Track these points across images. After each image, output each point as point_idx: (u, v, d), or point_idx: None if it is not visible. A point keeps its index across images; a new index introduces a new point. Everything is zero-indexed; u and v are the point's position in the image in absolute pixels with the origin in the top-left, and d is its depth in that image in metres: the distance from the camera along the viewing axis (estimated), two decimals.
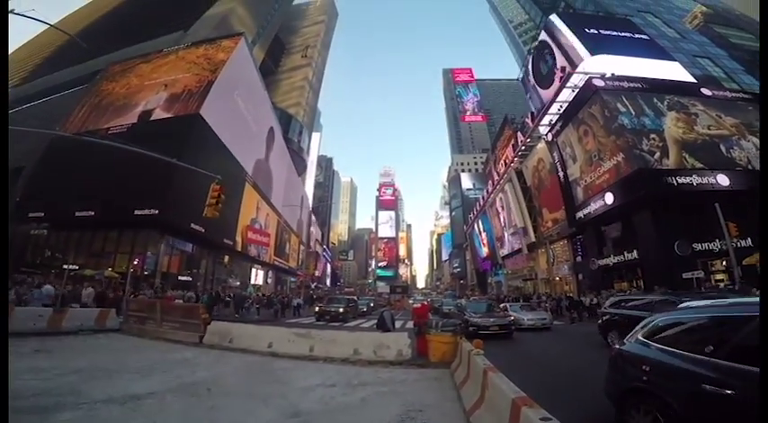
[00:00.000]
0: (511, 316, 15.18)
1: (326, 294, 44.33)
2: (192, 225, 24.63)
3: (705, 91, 26.30)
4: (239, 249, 32.28)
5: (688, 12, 51.63)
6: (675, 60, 32.52)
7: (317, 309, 23.19)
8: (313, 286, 63.25)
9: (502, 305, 19.62)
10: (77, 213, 20.96)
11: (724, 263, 18.49)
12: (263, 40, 75.01)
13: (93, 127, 25.04)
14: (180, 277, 23.84)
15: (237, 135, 31.69)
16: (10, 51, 67.00)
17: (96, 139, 13.07)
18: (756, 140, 22.25)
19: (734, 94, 27.19)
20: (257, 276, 39.50)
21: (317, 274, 74.86)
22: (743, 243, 17.51)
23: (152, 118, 26.42)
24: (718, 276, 18.90)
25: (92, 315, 12.70)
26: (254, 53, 46.19)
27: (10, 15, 11.05)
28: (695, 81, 29.84)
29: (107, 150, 13.62)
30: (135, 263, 20.71)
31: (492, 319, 13.82)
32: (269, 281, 43.26)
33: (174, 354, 9.07)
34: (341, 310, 21.33)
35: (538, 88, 38.83)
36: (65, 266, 16.26)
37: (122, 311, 13.06)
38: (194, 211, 14.28)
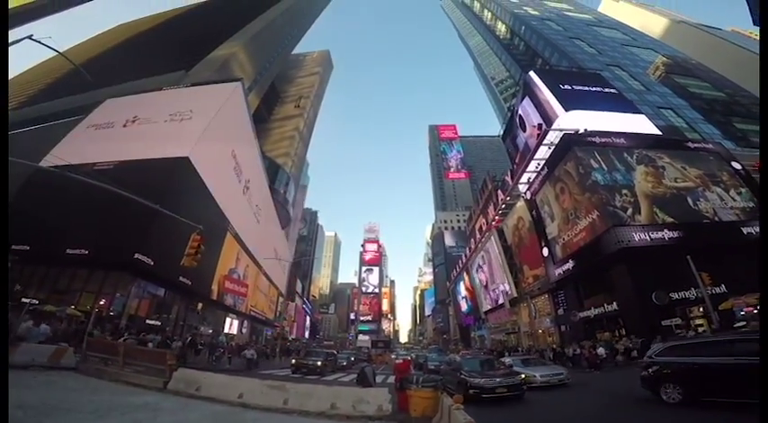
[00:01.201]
0: (520, 374, 12.73)
1: (305, 346, 42.22)
2: (181, 278, 24.60)
3: (670, 143, 27.70)
4: (214, 298, 31.04)
5: (651, 63, 56.84)
6: (642, 113, 34.62)
7: (293, 361, 22.26)
8: (291, 338, 60.48)
9: (506, 360, 16.96)
10: (69, 251, 19.74)
11: (701, 309, 18.92)
12: (260, 86, 76.80)
13: (79, 161, 24.60)
14: (148, 321, 22.45)
15: (223, 182, 31.74)
16: (17, 73, 67.69)
17: (78, 175, 12.85)
18: (720, 191, 23.73)
19: (696, 145, 28.71)
20: (232, 325, 37.63)
21: (295, 325, 71.88)
22: (717, 290, 18.43)
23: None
24: (698, 322, 19.17)
25: (46, 351, 11.89)
26: (249, 99, 47.55)
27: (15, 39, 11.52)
28: (660, 133, 31.59)
29: (93, 186, 13.42)
30: (101, 303, 19.54)
31: (497, 379, 11.53)
32: (244, 330, 41.12)
33: (135, 397, 8.40)
34: (318, 363, 20.72)
35: (522, 133, 40.34)
36: (24, 300, 15.13)
37: (81, 350, 12.18)
38: (177, 259, 14.09)
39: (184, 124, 29.26)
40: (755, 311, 14.18)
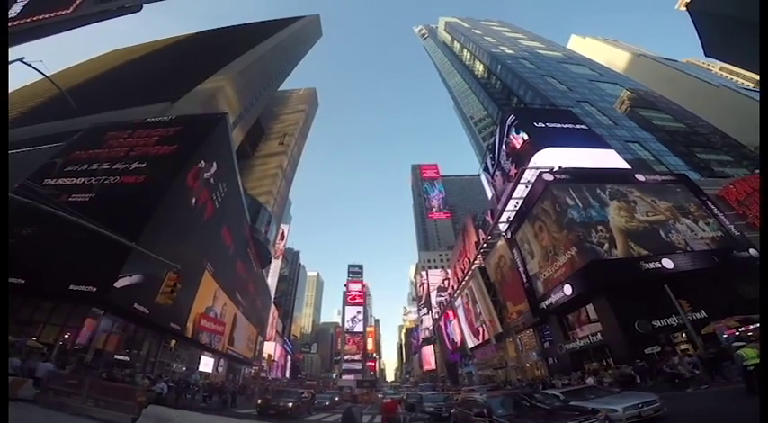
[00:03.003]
0: (596, 411, 8.46)
1: (285, 386, 40.03)
2: (172, 324, 25.65)
3: (639, 177, 28.59)
4: (189, 335, 29.40)
5: (617, 98, 59.30)
6: (611, 148, 35.98)
7: (259, 401, 19.97)
8: (270, 378, 57.44)
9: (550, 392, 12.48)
10: (73, 287, 18.26)
11: (684, 335, 19.14)
12: (245, 122, 75.60)
13: (55, 191, 23.54)
14: (116, 356, 20.87)
15: (203, 218, 30.99)
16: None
17: (52, 207, 12.40)
18: (689, 222, 24.69)
19: (663, 178, 29.90)
20: (207, 364, 35.54)
21: (273, 364, 68.56)
22: (697, 315, 18.84)
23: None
24: (683, 347, 19.24)
25: None
26: (233, 135, 47.05)
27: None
28: (629, 167, 32.52)
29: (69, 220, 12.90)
30: (66, 336, 18.17)
31: None
32: (219, 369, 38.74)
33: None
34: (290, 404, 18.43)
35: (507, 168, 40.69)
36: None
37: (42, 382, 11.22)
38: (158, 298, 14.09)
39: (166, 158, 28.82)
40: (737, 333, 14.45)
